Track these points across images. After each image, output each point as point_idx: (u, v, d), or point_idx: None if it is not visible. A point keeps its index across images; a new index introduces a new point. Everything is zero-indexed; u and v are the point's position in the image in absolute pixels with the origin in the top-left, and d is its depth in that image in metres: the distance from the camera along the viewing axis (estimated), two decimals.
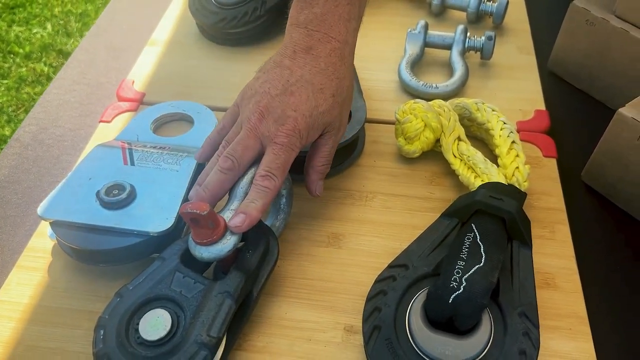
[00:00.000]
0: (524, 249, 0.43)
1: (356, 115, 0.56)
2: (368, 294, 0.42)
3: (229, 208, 0.43)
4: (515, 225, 0.43)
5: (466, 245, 0.41)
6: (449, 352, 0.38)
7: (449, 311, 0.38)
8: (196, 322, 0.40)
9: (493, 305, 0.40)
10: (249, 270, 0.42)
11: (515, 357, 0.37)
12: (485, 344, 0.38)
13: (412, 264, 0.42)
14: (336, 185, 0.55)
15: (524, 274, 0.42)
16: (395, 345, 0.38)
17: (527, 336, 0.38)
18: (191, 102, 0.61)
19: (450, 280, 0.39)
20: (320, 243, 0.50)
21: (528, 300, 0.40)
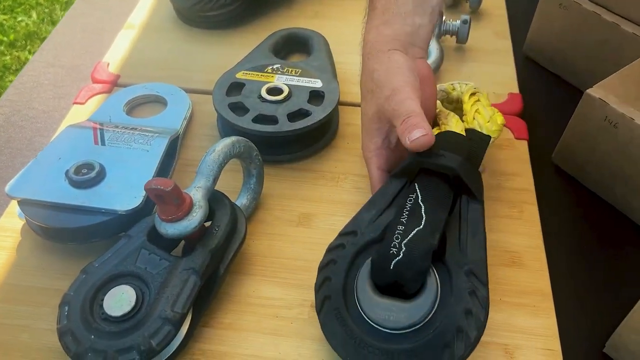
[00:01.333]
0: (473, 204, 0.41)
1: (329, 96, 0.56)
2: (320, 264, 0.41)
3: (195, 185, 0.43)
4: (459, 180, 0.41)
5: (407, 207, 0.39)
6: (394, 317, 0.37)
7: (392, 277, 0.37)
8: (161, 298, 0.40)
9: (440, 265, 0.39)
10: (215, 248, 0.42)
11: (460, 317, 0.36)
12: (431, 306, 0.37)
13: (360, 230, 0.41)
14: (309, 167, 0.55)
15: (472, 230, 0.40)
16: (344, 314, 0.38)
17: (473, 295, 0.37)
18: (165, 84, 0.61)
19: (390, 247, 0.38)
20: (291, 222, 0.50)
21: (475, 257, 0.38)
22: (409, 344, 0.36)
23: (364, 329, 0.37)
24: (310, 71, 0.59)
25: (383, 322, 0.37)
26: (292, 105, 0.54)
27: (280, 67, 0.59)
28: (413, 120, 0.41)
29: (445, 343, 0.36)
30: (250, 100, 0.55)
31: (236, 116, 0.53)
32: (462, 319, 0.36)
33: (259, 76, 0.58)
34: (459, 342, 0.36)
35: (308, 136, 0.54)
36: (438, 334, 0.36)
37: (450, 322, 0.36)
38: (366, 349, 0.37)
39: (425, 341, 0.36)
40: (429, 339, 0.36)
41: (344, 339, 0.37)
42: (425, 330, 0.37)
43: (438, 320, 0.37)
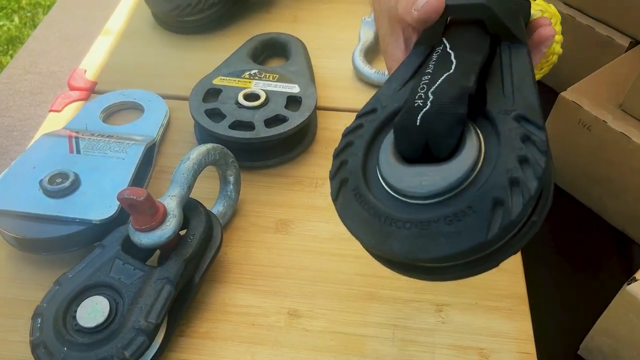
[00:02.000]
0: (516, 48, 0.33)
1: (306, 102, 0.56)
2: (334, 151, 0.34)
3: (169, 194, 0.43)
4: (496, 21, 0.33)
5: (433, 59, 0.32)
6: (426, 181, 0.29)
7: (421, 136, 0.29)
8: (134, 308, 0.39)
9: (482, 119, 0.30)
10: (190, 257, 0.42)
11: (514, 165, 0.27)
12: (473, 163, 0.29)
13: (380, 105, 0.34)
14: (286, 172, 0.55)
15: (519, 75, 0.32)
16: (364, 191, 0.30)
17: (527, 140, 0.28)
18: (142, 91, 0.61)
19: (414, 100, 0.30)
20: (269, 229, 0.50)
21: (526, 101, 0.30)
22: (447, 208, 0.28)
23: (391, 204, 0.29)
24: (288, 76, 0.58)
25: (413, 189, 0.29)
26: (269, 111, 0.54)
27: (257, 72, 0.59)
28: None
29: (495, 200, 0.27)
30: (227, 106, 0.55)
31: (213, 122, 0.53)
32: (517, 168, 0.27)
33: (236, 82, 0.57)
34: (515, 196, 0.27)
35: (285, 142, 0.54)
36: (485, 190, 0.27)
37: (501, 173, 0.27)
38: (394, 224, 0.29)
39: (470, 200, 0.27)
40: (474, 197, 0.27)
41: (366, 219, 0.29)
42: (469, 190, 0.28)
43: (484, 177, 0.28)
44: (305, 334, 0.43)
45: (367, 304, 0.45)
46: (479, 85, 0.31)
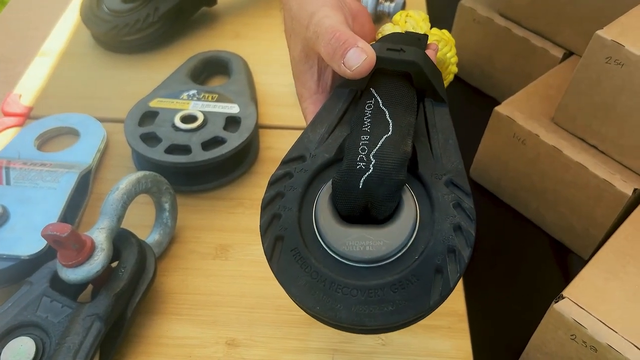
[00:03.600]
0: (439, 107, 0.35)
1: (246, 122, 0.55)
2: (262, 201, 0.33)
3: (97, 227, 0.42)
4: (423, 78, 0.34)
5: (367, 115, 0.33)
6: (370, 246, 0.30)
7: (362, 199, 0.30)
8: (62, 348, 0.38)
9: (413, 179, 0.32)
10: (120, 291, 0.41)
11: (449, 234, 0.30)
12: (412, 227, 0.30)
13: (309, 153, 0.34)
14: (227, 195, 0.54)
15: (444, 136, 0.33)
16: (304, 253, 0.30)
17: (459, 207, 0.31)
18: (79, 115, 0.59)
19: (356, 161, 0.31)
20: (207, 255, 0.49)
21: (453, 165, 0.32)
22: (391, 275, 0.29)
23: (334, 268, 0.30)
24: (228, 96, 0.58)
25: (356, 254, 0.30)
26: (206, 133, 0.53)
27: (196, 93, 0.58)
28: (341, 36, 0.33)
29: (436, 268, 0.29)
30: (163, 129, 0.53)
31: (148, 147, 0.52)
32: (452, 237, 0.30)
33: (174, 103, 0.56)
34: (451, 264, 0.29)
35: (224, 164, 0.53)
36: (426, 258, 0.29)
37: (439, 242, 0.30)
38: (340, 291, 0.29)
39: (412, 269, 0.29)
40: (417, 265, 0.29)
41: (310, 284, 0.30)
42: (410, 257, 0.30)
43: (423, 242, 0.30)
44: None
45: (308, 329, 0.44)
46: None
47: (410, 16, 0.41)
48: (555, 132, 0.48)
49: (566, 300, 0.36)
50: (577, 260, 0.51)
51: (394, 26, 0.40)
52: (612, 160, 0.46)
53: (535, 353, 0.40)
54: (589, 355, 0.35)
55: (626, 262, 0.39)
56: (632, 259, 0.39)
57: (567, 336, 0.36)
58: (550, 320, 0.37)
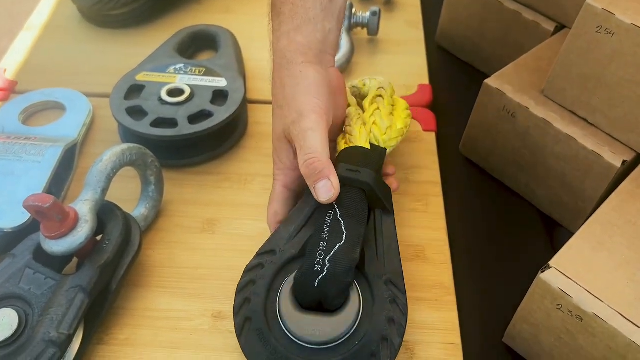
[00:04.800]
0: (386, 217, 0.43)
1: (233, 96, 0.54)
2: (238, 286, 0.40)
3: (81, 199, 0.42)
4: (374, 194, 0.42)
5: (327, 223, 0.40)
6: (319, 332, 0.37)
7: (317, 294, 0.38)
8: (45, 319, 0.38)
9: (360, 276, 0.40)
10: (104, 263, 0.40)
11: (384, 325, 0.37)
12: (356, 317, 0.38)
13: (279, 248, 0.41)
14: (214, 169, 0.53)
15: (387, 242, 0.41)
16: (267, 334, 0.37)
17: (394, 303, 0.38)
18: (64, 89, 0.58)
19: (314, 264, 0.38)
20: (194, 229, 0.48)
21: (393, 267, 0.40)
22: (335, 356, 0.36)
23: (290, 347, 0.37)
24: (215, 70, 0.57)
25: (308, 337, 0.37)
26: (193, 106, 0.53)
27: (183, 66, 0.57)
28: (317, 166, 0.39)
29: (371, 352, 0.36)
30: (149, 103, 0.53)
31: (134, 121, 0.51)
32: (386, 328, 0.37)
33: (160, 77, 0.56)
34: (384, 350, 0.36)
35: (212, 138, 0.52)
36: (364, 344, 0.37)
37: (375, 331, 0.37)
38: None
39: (352, 352, 0.36)
40: (356, 350, 0.36)
41: (269, 359, 0.37)
42: (351, 342, 0.37)
43: (363, 331, 0.37)
44: (229, 336, 0.42)
45: None
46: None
47: (376, 124, 0.46)
48: (545, 104, 0.47)
49: (552, 270, 0.36)
50: (566, 234, 0.50)
51: (361, 131, 0.45)
52: (602, 133, 0.45)
53: (521, 324, 0.40)
54: (574, 325, 0.35)
55: (613, 232, 0.39)
56: (619, 229, 0.39)
57: (553, 306, 0.36)
58: (537, 290, 0.37)
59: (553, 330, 0.37)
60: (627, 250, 0.38)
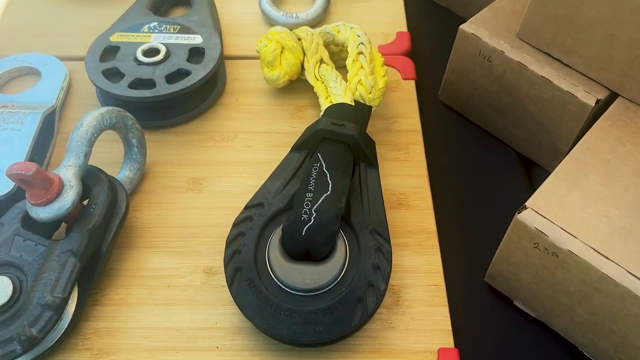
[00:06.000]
0: (371, 169, 0.44)
1: (210, 53, 0.54)
2: (227, 238, 0.41)
3: (64, 165, 0.42)
4: (358, 148, 0.43)
5: (313, 175, 0.41)
6: (308, 279, 0.39)
7: (304, 243, 0.39)
8: (39, 284, 0.39)
9: (347, 227, 0.41)
10: (93, 227, 0.41)
11: (370, 272, 0.39)
12: (342, 265, 0.39)
13: (267, 201, 0.42)
14: (196, 128, 0.53)
15: (372, 194, 0.43)
16: (257, 283, 0.39)
17: (379, 251, 0.40)
18: (38, 54, 0.57)
19: (301, 213, 0.39)
20: (180, 189, 0.49)
21: (378, 217, 0.41)
22: (323, 302, 0.38)
23: (280, 295, 0.39)
24: (190, 27, 0.56)
25: (298, 285, 0.39)
26: (170, 65, 0.52)
27: (157, 25, 0.56)
28: None
29: (358, 298, 0.38)
30: (125, 64, 0.52)
31: (110, 83, 0.51)
32: (372, 274, 0.39)
33: (135, 37, 0.55)
34: (370, 296, 0.38)
35: (191, 97, 0.52)
36: (351, 290, 0.38)
37: (361, 278, 0.39)
38: (283, 313, 0.38)
39: (340, 298, 0.38)
40: (343, 295, 0.38)
41: (260, 307, 0.38)
42: (339, 288, 0.39)
43: (349, 278, 0.39)
44: (222, 290, 0.43)
45: None
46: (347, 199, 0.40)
47: (361, 83, 0.48)
48: (520, 47, 0.47)
49: (529, 211, 0.37)
50: (543, 173, 0.52)
51: (346, 90, 0.47)
52: (576, 73, 0.46)
53: (501, 264, 0.41)
54: (551, 261, 0.37)
55: (588, 171, 0.40)
56: (594, 167, 0.40)
57: (530, 245, 0.37)
58: (515, 230, 0.38)
59: (531, 268, 0.39)
60: (601, 188, 0.39)
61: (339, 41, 0.54)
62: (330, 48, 0.55)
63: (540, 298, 0.40)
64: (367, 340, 0.41)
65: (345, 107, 0.46)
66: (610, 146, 0.41)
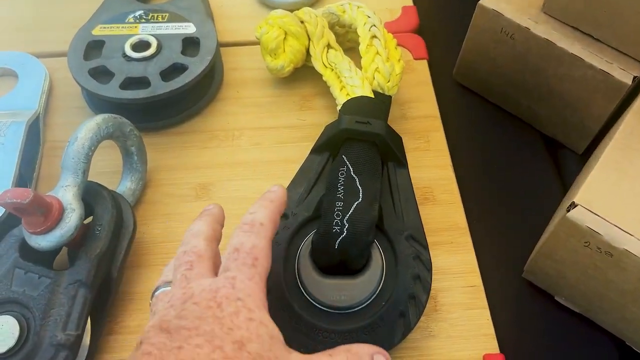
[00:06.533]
0: (400, 169, 0.40)
1: (206, 43, 0.49)
2: None
3: (62, 185, 0.37)
4: (386, 146, 0.40)
5: (341, 181, 0.38)
6: (344, 296, 0.36)
7: (337, 257, 0.36)
8: (48, 322, 0.35)
9: (380, 234, 0.38)
10: (101, 252, 0.37)
11: (409, 283, 0.36)
12: (380, 278, 0.37)
13: (291, 212, 0.39)
14: (197, 127, 0.49)
15: (404, 196, 0.39)
16: (289, 303, 0.36)
17: (418, 259, 0.37)
18: (12, 53, 0.52)
19: (332, 225, 0.36)
20: (188, 198, 0.45)
21: (412, 222, 0.38)
22: (363, 320, 0.35)
23: (314, 314, 0.36)
24: (180, 13, 0.51)
25: (335, 303, 0.36)
26: (163, 60, 0.47)
27: (143, 13, 0.51)
28: None
29: (400, 312, 0.35)
30: (113, 61, 0.47)
31: (99, 84, 0.46)
32: (412, 285, 0.36)
33: (120, 29, 0.50)
34: (412, 309, 0.35)
35: (189, 93, 0.48)
36: (392, 304, 0.35)
37: (402, 290, 0.36)
38: (320, 335, 0.35)
39: (380, 314, 0.35)
40: (384, 310, 0.35)
41: (294, 328, 0.35)
42: (378, 303, 0.36)
43: (388, 291, 0.36)
44: None
45: None
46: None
47: (378, 71, 0.44)
48: (546, 23, 0.44)
49: (579, 208, 0.35)
50: (569, 155, 0.49)
51: (363, 81, 0.44)
52: (608, 48, 0.43)
53: (544, 260, 0.39)
54: (604, 260, 0.35)
55: (634, 157, 0.37)
56: (637, 152, 0.37)
57: (580, 243, 0.35)
58: (563, 229, 0.35)
59: (579, 266, 0.37)
60: None
61: (345, 22, 0.50)
62: (335, 30, 0.51)
63: (588, 295, 0.38)
64: (408, 352, 0.38)
65: (367, 100, 0.42)
66: None
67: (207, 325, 0.26)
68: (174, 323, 0.26)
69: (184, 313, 0.27)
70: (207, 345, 0.25)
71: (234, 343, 0.25)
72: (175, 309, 0.27)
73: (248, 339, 0.26)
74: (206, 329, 0.26)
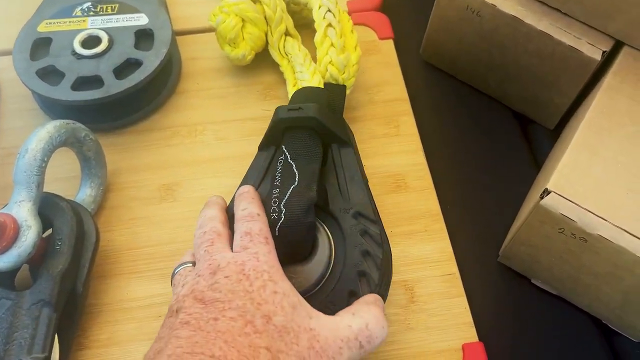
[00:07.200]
0: (344, 148, 0.39)
1: (160, 34, 0.46)
2: None
3: (15, 200, 0.35)
4: (324, 128, 0.38)
5: (279, 170, 0.37)
6: (295, 281, 0.34)
7: (281, 244, 0.34)
8: (12, 345, 0.33)
9: (327, 216, 0.36)
10: (63, 268, 0.36)
11: (359, 260, 0.34)
12: (328, 260, 0.35)
13: None
14: (157, 124, 0.47)
15: (349, 174, 0.38)
16: None
17: (366, 234, 0.35)
18: None
19: (270, 213, 0.35)
20: (152, 200, 0.43)
21: (359, 199, 0.36)
22: (315, 304, 0.33)
23: None
24: (130, 4, 0.48)
25: None
26: (116, 56, 0.45)
27: (91, 5, 0.48)
28: None
29: (349, 291, 0.34)
30: (62, 60, 0.44)
31: (49, 86, 0.43)
32: (361, 262, 0.34)
33: (67, 24, 0.47)
34: (363, 286, 0.34)
35: (146, 89, 0.45)
36: (341, 284, 0.34)
37: (350, 268, 0.34)
38: None
39: (330, 296, 0.34)
40: (334, 292, 0.34)
41: None
42: (329, 285, 0.35)
43: (338, 271, 0.35)
44: None
45: None
46: (319, 186, 0.36)
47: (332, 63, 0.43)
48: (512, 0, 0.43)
49: (552, 195, 0.34)
50: (539, 129, 0.49)
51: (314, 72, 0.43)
52: (577, 23, 0.41)
53: (519, 246, 0.38)
54: (578, 245, 0.34)
55: (605, 137, 0.37)
56: (609, 132, 0.37)
57: (554, 230, 0.35)
58: (537, 216, 0.35)
59: (554, 251, 0.36)
60: (620, 156, 0.36)
61: (300, 1, 0.48)
62: (291, 7, 0.49)
63: (563, 278, 0.38)
64: (385, 346, 0.38)
65: (308, 90, 0.41)
66: (625, 106, 0.38)
67: (239, 300, 0.28)
68: (208, 295, 0.29)
69: (217, 285, 0.29)
70: (240, 319, 0.28)
71: (263, 317, 0.28)
72: (205, 279, 0.30)
73: (274, 312, 0.29)
74: (238, 304, 0.28)
